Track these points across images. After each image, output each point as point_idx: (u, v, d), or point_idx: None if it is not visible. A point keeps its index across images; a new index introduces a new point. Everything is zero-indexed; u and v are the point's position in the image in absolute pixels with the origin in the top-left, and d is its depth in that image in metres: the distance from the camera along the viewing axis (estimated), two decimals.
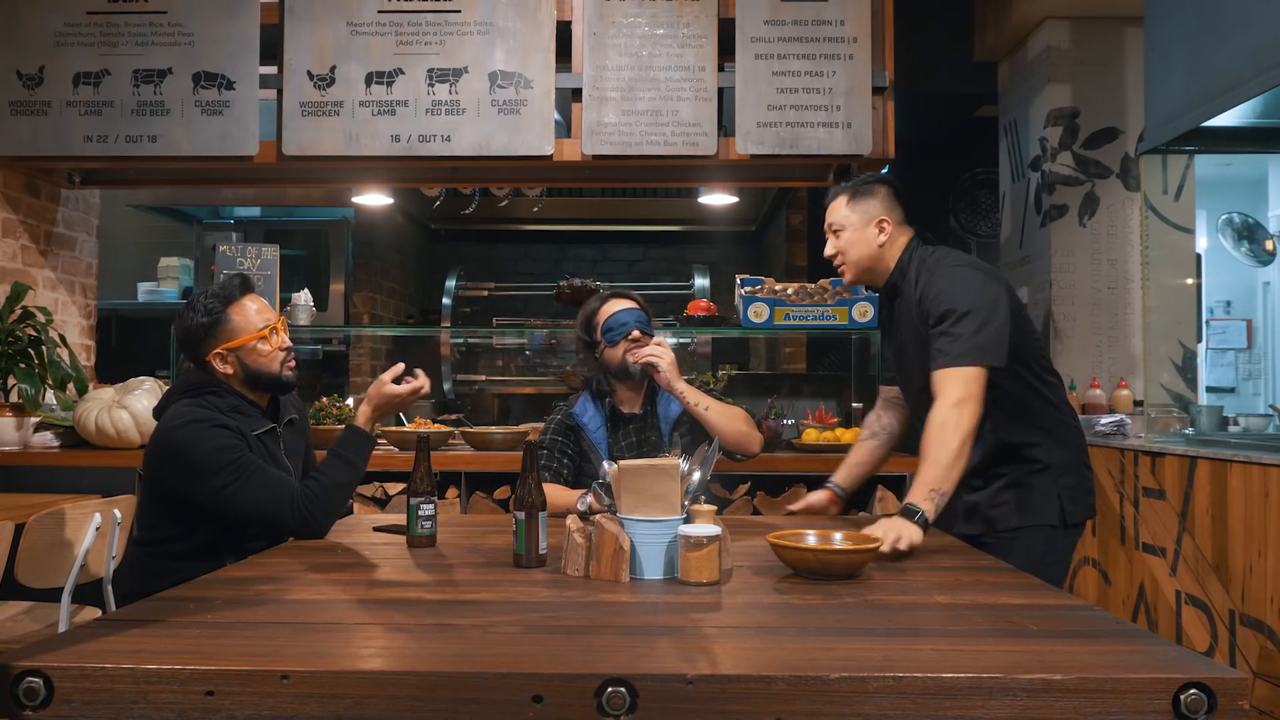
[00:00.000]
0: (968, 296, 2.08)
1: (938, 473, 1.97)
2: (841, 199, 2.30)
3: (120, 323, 5.83)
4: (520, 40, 3.50)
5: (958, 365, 2.03)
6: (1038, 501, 2.16)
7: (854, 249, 2.27)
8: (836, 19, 3.47)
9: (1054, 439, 2.20)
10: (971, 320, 2.05)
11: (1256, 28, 2.80)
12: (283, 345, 2.22)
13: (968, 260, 2.21)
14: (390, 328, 6.66)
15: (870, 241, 2.25)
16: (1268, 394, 6.15)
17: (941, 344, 2.07)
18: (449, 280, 5.66)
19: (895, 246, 2.26)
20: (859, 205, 2.26)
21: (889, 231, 2.24)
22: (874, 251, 2.25)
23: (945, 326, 2.07)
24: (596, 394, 2.62)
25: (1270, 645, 2.69)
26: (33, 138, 3.56)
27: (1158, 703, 1.11)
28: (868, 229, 2.25)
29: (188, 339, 2.18)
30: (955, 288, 2.10)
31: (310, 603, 1.55)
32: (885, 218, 2.24)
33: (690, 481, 1.82)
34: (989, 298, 2.09)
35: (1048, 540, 2.16)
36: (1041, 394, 2.20)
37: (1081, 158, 4.19)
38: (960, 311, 2.06)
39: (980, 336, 2.04)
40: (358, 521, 2.44)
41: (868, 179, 2.31)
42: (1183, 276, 3.98)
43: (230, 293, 2.19)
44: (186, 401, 2.14)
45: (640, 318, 2.57)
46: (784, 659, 1.21)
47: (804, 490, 3.32)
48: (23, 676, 1.14)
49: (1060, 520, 2.16)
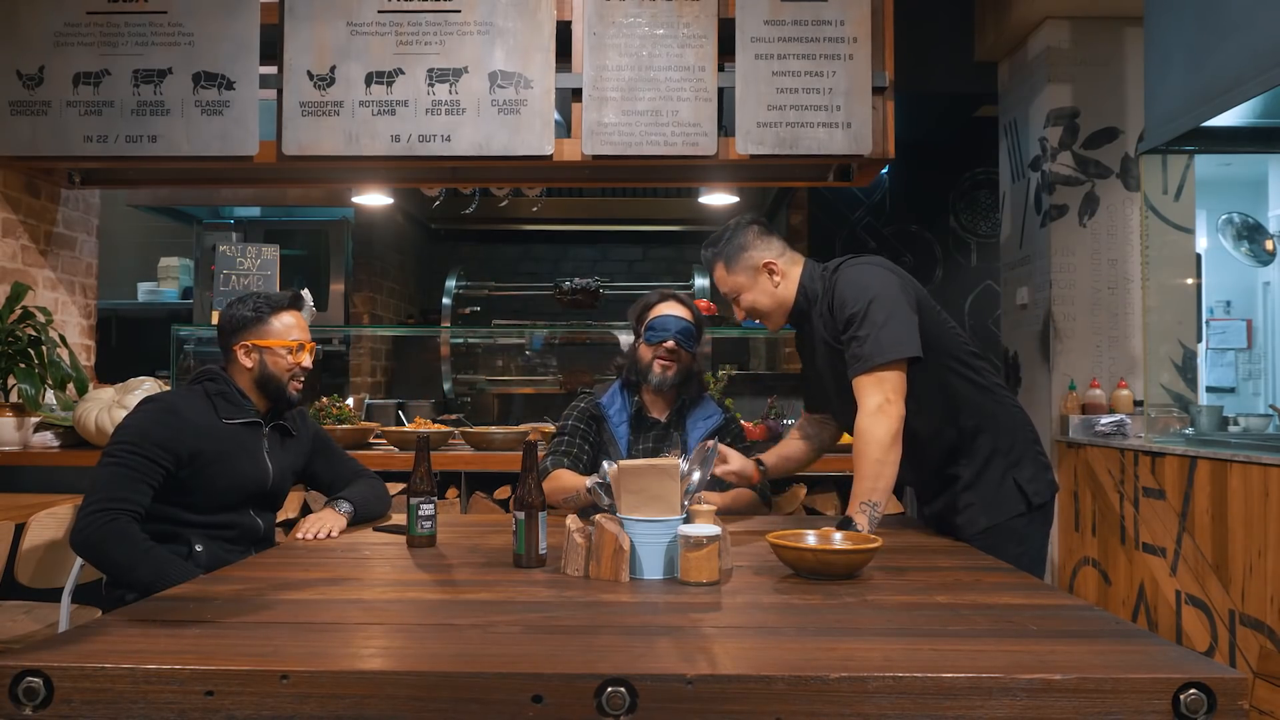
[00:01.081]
0: (865, 293, 2.05)
1: (865, 485, 1.98)
2: (720, 269, 2.27)
3: (120, 323, 5.83)
4: (520, 40, 3.50)
5: (870, 368, 2.02)
6: (999, 494, 2.12)
7: (761, 303, 2.24)
8: (836, 19, 3.47)
9: (997, 424, 2.15)
10: (874, 316, 2.03)
11: (1256, 28, 2.80)
12: (300, 363, 2.34)
13: (862, 259, 2.19)
14: (390, 328, 6.65)
15: (769, 289, 2.22)
16: (1268, 394, 6.15)
17: (853, 349, 2.05)
18: (449, 280, 5.66)
19: (791, 278, 2.23)
20: (738, 265, 2.23)
21: (780, 269, 2.22)
22: (776, 294, 2.22)
23: (852, 330, 2.05)
24: (626, 386, 2.63)
25: (1270, 645, 2.69)
26: (33, 138, 3.56)
27: (1158, 703, 1.11)
28: (759, 280, 2.22)
29: (229, 325, 2.34)
30: (850, 288, 2.08)
31: (310, 603, 1.55)
32: (769, 261, 2.21)
33: (690, 481, 1.82)
34: (886, 289, 2.06)
35: (1018, 531, 2.12)
36: (973, 381, 2.16)
37: (1081, 158, 4.19)
38: (861, 310, 2.04)
39: (887, 331, 2.01)
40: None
41: (731, 233, 2.26)
42: (1183, 276, 3.98)
43: (280, 302, 2.37)
44: (178, 387, 2.27)
45: (685, 329, 2.55)
46: (784, 659, 1.21)
47: (803, 491, 3.33)
48: (23, 676, 1.14)
49: (1025, 506, 2.12)
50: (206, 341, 4.58)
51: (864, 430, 1.99)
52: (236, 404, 2.29)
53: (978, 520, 2.12)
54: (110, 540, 2.03)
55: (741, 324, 3.42)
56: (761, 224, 2.26)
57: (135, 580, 2.03)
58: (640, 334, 2.59)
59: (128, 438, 2.12)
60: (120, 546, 2.03)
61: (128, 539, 2.04)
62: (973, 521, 2.13)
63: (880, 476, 1.98)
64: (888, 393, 2.00)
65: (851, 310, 2.06)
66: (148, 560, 2.03)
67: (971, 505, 2.14)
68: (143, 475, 2.09)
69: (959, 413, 2.14)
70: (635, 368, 2.59)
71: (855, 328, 2.04)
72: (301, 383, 2.36)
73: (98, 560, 2.08)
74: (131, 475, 2.09)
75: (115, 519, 2.03)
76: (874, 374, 2.01)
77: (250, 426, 2.30)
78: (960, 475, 2.15)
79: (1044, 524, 2.18)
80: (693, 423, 2.59)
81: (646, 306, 2.62)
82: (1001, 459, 2.14)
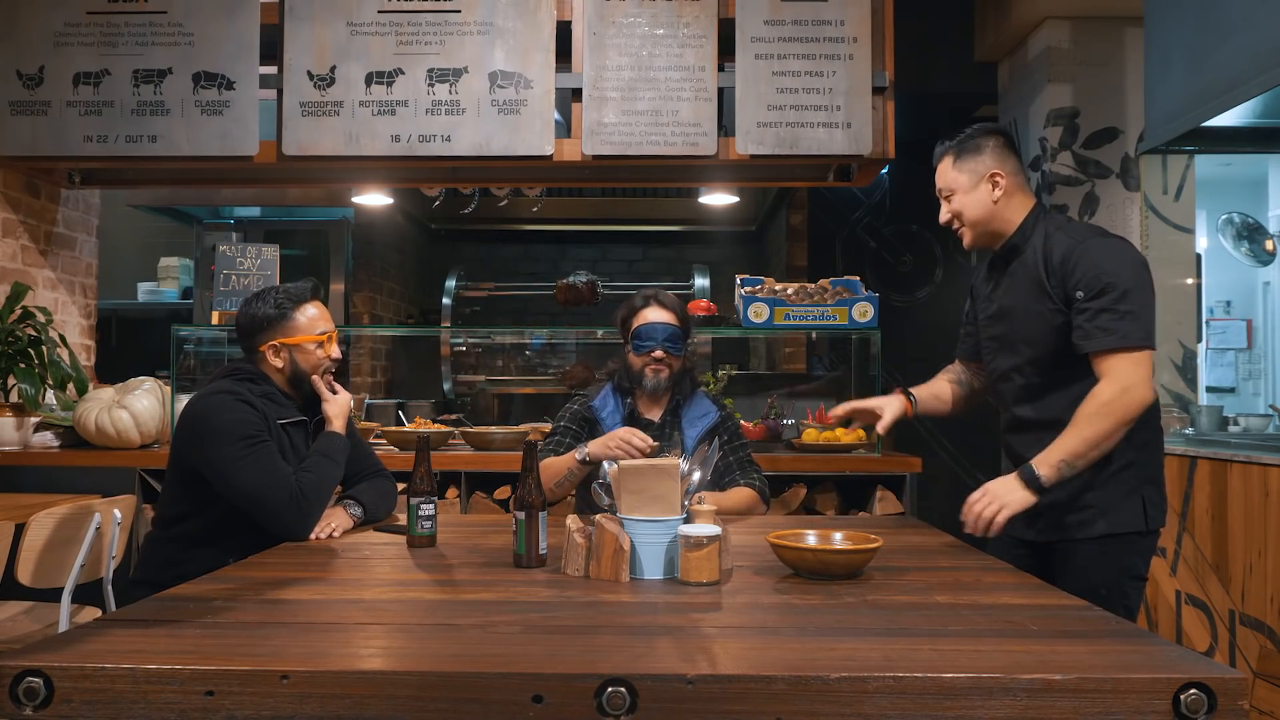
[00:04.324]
0: (1130, 270, 1.92)
1: (1079, 447, 1.86)
2: (947, 161, 2.13)
3: (120, 323, 5.83)
4: (520, 40, 3.50)
5: (1128, 346, 1.89)
6: (1122, 506, 1.99)
7: (969, 210, 2.10)
8: (836, 19, 3.47)
9: (1145, 433, 2.01)
10: (1136, 298, 1.90)
11: (1256, 28, 2.80)
12: (331, 355, 2.32)
13: (1115, 236, 2.04)
14: (390, 328, 6.65)
15: (985, 200, 2.08)
16: (1268, 394, 6.15)
17: (1104, 321, 1.91)
18: (449, 280, 5.65)
19: (1014, 203, 2.09)
20: (966, 164, 2.10)
21: (1004, 185, 2.07)
22: (991, 210, 2.08)
23: (1106, 302, 1.91)
24: (618, 389, 2.62)
25: (1270, 645, 2.69)
26: (33, 138, 3.56)
27: (1158, 703, 1.11)
28: (979, 187, 2.08)
29: (250, 326, 2.29)
30: (1116, 261, 1.94)
31: (310, 603, 1.55)
32: (998, 171, 2.07)
33: (690, 481, 1.82)
34: (1146, 277, 1.94)
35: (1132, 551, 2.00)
36: None
37: (1081, 158, 4.19)
38: (1124, 287, 1.90)
39: (1147, 317, 1.91)
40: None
41: (973, 133, 2.12)
42: (1183, 276, 3.98)
43: (302, 294, 2.32)
44: (223, 381, 2.24)
45: (672, 334, 2.53)
46: (784, 659, 1.21)
47: (803, 490, 3.33)
48: (23, 676, 1.14)
49: (1144, 526, 2.00)
50: (207, 341, 4.58)
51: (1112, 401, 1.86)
52: (282, 404, 2.28)
53: (1095, 524, 2.00)
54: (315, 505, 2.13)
55: (741, 324, 3.42)
56: (1009, 138, 2.13)
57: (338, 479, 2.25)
58: (628, 340, 2.57)
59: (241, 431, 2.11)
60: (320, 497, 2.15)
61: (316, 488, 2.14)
62: (1089, 524, 2.00)
63: (1099, 447, 1.87)
64: (1140, 375, 1.89)
65: (1111, 280, 1.91)
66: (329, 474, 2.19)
67: (1091, 508, 2.00)
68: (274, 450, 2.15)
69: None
70: (627, 374, 2.58)
71: (1114, 300, 1.91)
72: (333, 374, 2.35)
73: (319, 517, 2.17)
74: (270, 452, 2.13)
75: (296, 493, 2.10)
76: (1134, 354, 1.90)
77: (296, 425, 2.30)
78: (1086, 473, 1.98)
79: (1152, 549, 2.06)
80: (688, 422, 2.58)
81: (631, 312, 2.60)
82: (1137, 472, 2.01)
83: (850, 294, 3.41)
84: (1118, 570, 1.98)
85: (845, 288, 3.44)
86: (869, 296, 3.39)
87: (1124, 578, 1.99)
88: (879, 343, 3.42)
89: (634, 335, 2.54)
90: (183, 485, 2.22)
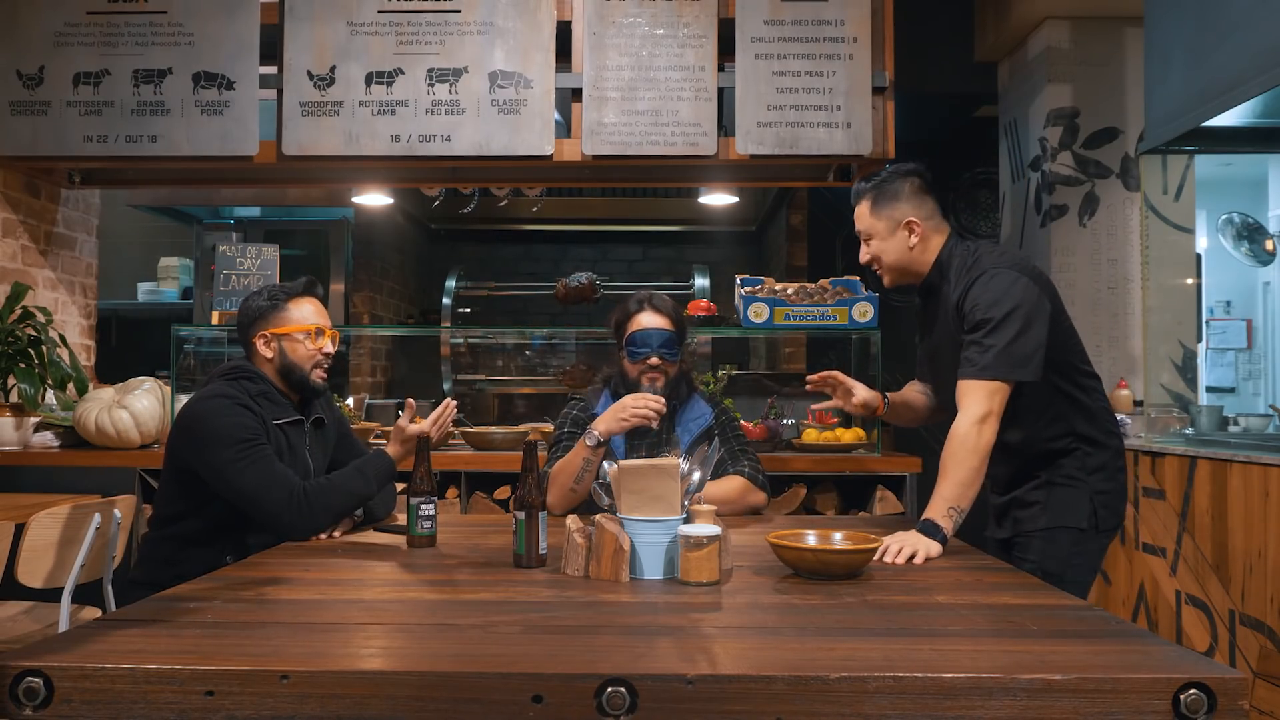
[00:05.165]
0: (1006, 304, 2.00)
1: (956, 491, 1.95)
2: (864, 205, 2.20)
3: (120, 323, 5.83)
4: (520, 40, 3.50)
5: (983, 378, 1.99)
6: (1069, 504, 2.12)
7: (887, 255, 2.19)
8: (836, 19, 3.47)
9: (1091, 444, 2.14)
10: (1005, 330, 1.99)
11: (1256, 28, 2.80)
12: (322, 349, 2.33)
13: (1010, 260, 2.11)
14: (390, 328, 6.65)
15: (901, 247, 2.17)
16: (1268, 394, 6.15)
17: (971, 353, 2.02)
18: (449, 280, 5.65)
19: (930, 244, 2.17)
20: (883, 211, 2.18)
21: (919, 231, 2.16)
22: (908, 256, 2.18)
23: (978, 336, 2.01)
24: (615, 394, 2.59)
25: (1270, 645, 2.69)
26: (33, 138, 3.56)
27: (1158, 703, 1.11)
28: (896, 234, 2.17)
29: (246, 318, 2.33)
30: (993, 293, 2.02)
31: (310, 603, 1.55)
32: (913, 218, 2.16)
33: (690, 481, 1.82)
34: (1027, 306, 2.01)
35: (1074, 542, 2.11)
36: (1077, 400, 2.14)
37: (1081, 158, 4.19)
38: (995, 320, 1.99)
39: (1013, 349, 1.98)
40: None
41: (889, 176, 2.20)
42: (1183, 276, 3.98)
43: (296, 288, 2.36)
44: (220, 383, 2.24)
45: (666, 340, 2.48)
46: (784, 659, 1.21)
47: (803, 490, 3.33)
48: (23, 676, 1.14)
49: (1091, 524, 2.11)
50: (207, 342, 4.58)
51: (966, 437, 1.96)
52: (279, 403, 2.28)
53: (1039, 518, 2.13)
54: (318, 508, 2.10)
55: (741, 324, 3.42)
56: (923, 179, 2.19)
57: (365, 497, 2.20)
58: (622, 346, 2.52)
59: (238, 435, 2.11)
60: (328, 504, 2.12)
61: (324, 493, 2.12)
62: (1034, 518, 2.14)
63: (973, 485, 1.96)
64: (995, 407, 1.98)
65: (984, 316, 2.01)
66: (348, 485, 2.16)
67: (1038, 503, 2.14)
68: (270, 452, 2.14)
69: (1059, 427, 2.13)
70: (623, 380, 2.53)
71: (983, 334, 2.01)
72: (326, 370, 2.35)
73: (329, 522, 2.14)
74: (267, 455, 2.12)
75: (297, 494, 2.09)
76: (987, 384, 1.98)
77: (293, 425, 2.30)
78: (1039, 476, 2.15)
79: (1101, 546, 2.17)
80: (683, 427, 2.53)
81: (625, 316, 2.54)
82: (1086, 477, 2.13)
83: (850, 294, 3.41)
84: (1059, 559, 2.09)
85: (845, 288, 3.44)
86: (869, 296, 3.39)
87: (1065, 565, 2.09)
88: (879, 343, 3.42)
89: (628, 341, 2.50)
90: (179, 485, 2.22)
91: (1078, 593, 2.08)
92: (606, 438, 2.34)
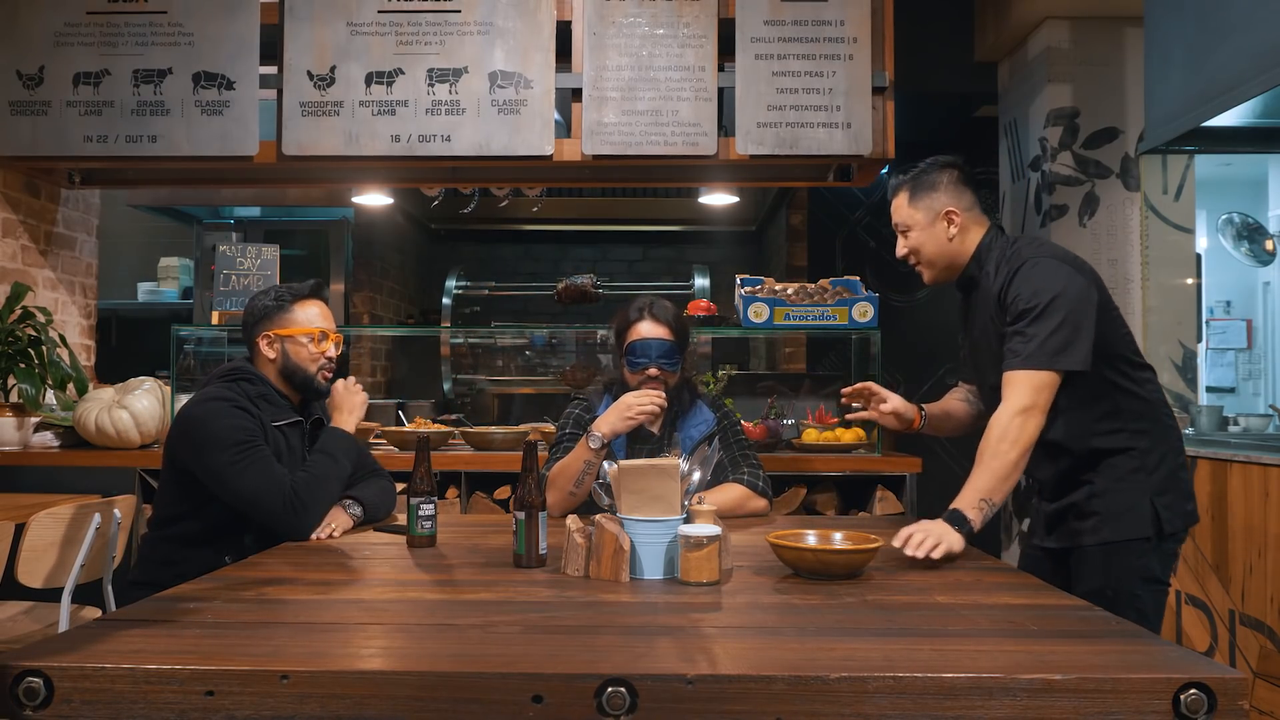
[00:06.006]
0: (1049, 293, 1.94)
1: (991, 483, 1.87)
2: (902, 197, 2.16)
3: (120, 323, 5.83)
4: (520, 40, 3.50)
5: (1027, 368, 1.92)
6: (1129, 513, 1.99)
7: (926, 247, 2.13)
8: (836, 19, 3.47)
9: (1148, 440, 2.02)
10: (1049, 319, 1.92)
11: (1256, 28, 2.80)
12: (325, 353, 2.33)
13: (1051, 250, 2.06)
14: (390, 328, 6.65)
15: (941, 237, 2.11)
16: (1268, 394, 6.15)
17: (1015, 344, 1.95)
18: (449, 280, 5.65)
19: (969, 236, 2.12)
20: (921, 201, 2.13)
21: (959, 222, 2.10)
22: (947, 247, 2.12)
23: (1021, 325, 1.95)
24: (615, 398, 2.57)
25: (1270, 645, 2.69)
26: (33, 138, 3.56)
27: (1158, 703, 1.11)
28: (935, 225, 2.11)
29: (250, 318, 2.34)
30: (1037, 283, 1.96)
31: (310, 603, 1.55)
32: (952, 208, 2.10)
33: (690, 481, 1.82)
34: (1073, 294, 1.95)
35: (1139, 555, 1.98)
36: (1131, 392, 2.04)
37: (1081, 158, 4.19)
38: (1039, 309, 1.93)
39: (1056, 338, 1.92)
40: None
41: (927, 168, 2.16)
42: (1183, 276, 3.98)
43: (302, 290, 2.37)
44: (218, 385, 2.24)
45: (666, 350, 2.44)
46: (784, 659, 1.21)
47: (803, 490, 3.33)
48: (23, 676, 1.14)
49: (1155, 531, 1.98)
50: (207, 342, 4.58)
51: (1007, 429, 1.89)
52: (278, 405, 2.28)
53: (1100, 530, 2.01)
54: (310, 504, 2.12)
55: (741, 324, 3.42)
56: (961, 170, 2.14)
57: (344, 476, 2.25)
58: (622, 354, 2.50)
59: (235, 438, 2.12)
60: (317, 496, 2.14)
61: (311, 487, 2.13)
62: (1094, 530, 2.01)
63: (1010, 479, 1.88)
64: (1040, 400, 1.91)
65: (1027, 305, 1.95)
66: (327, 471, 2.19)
67: (1097, 514, 2.01)
68: (268, 454, 2.15)
69: (1112, 422, 2.03)
70: (624, 387, 2.50)
71: (1026, 323, 1.94)
72: (330, 373, 2.35)
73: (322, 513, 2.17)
74: (265, 457, 2.13)
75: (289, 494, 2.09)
76: (1032, 375, 1.92)
77: (292, 427, 2.30)
78: (1093, 481, 2.03)
79: (1172, 552, 2.04)
80: (684, 435, 2.50)
81: (625, 324, 2.51)
82: (1144, 478, 2.01)
83: (850, 294, 3.41)
84: (1125, 573, 1.98)
85: (845, 288, 3.44)
86: (869, 296, 3.39)
87: (1134, 580, 1.98)
88: (879, 343, 3.42)
89: (628, 350, 2.47)
90: (178, 486, 2.22)
91: (1153, 600, 2.00)
92: (609, 439, 2.33)
